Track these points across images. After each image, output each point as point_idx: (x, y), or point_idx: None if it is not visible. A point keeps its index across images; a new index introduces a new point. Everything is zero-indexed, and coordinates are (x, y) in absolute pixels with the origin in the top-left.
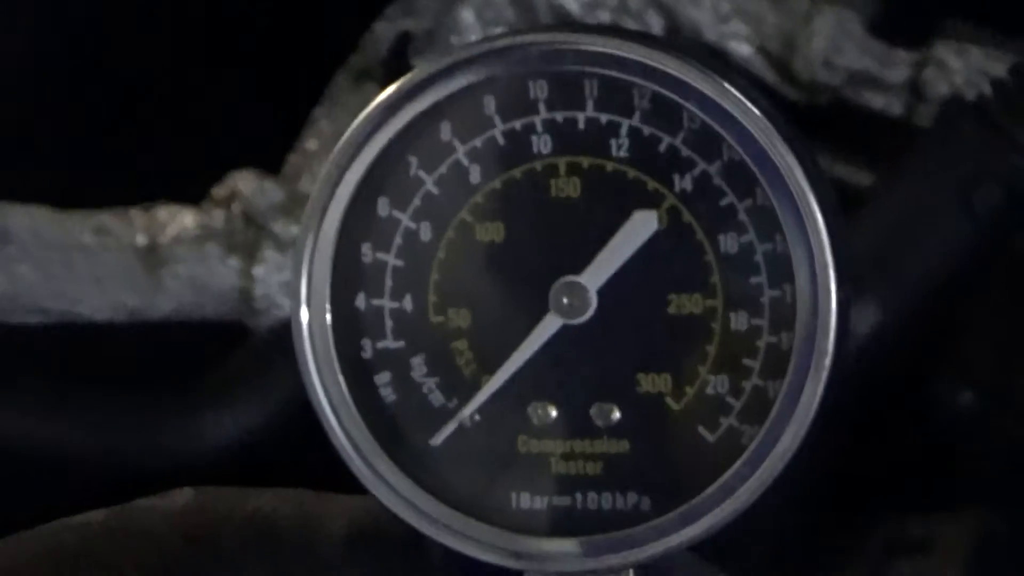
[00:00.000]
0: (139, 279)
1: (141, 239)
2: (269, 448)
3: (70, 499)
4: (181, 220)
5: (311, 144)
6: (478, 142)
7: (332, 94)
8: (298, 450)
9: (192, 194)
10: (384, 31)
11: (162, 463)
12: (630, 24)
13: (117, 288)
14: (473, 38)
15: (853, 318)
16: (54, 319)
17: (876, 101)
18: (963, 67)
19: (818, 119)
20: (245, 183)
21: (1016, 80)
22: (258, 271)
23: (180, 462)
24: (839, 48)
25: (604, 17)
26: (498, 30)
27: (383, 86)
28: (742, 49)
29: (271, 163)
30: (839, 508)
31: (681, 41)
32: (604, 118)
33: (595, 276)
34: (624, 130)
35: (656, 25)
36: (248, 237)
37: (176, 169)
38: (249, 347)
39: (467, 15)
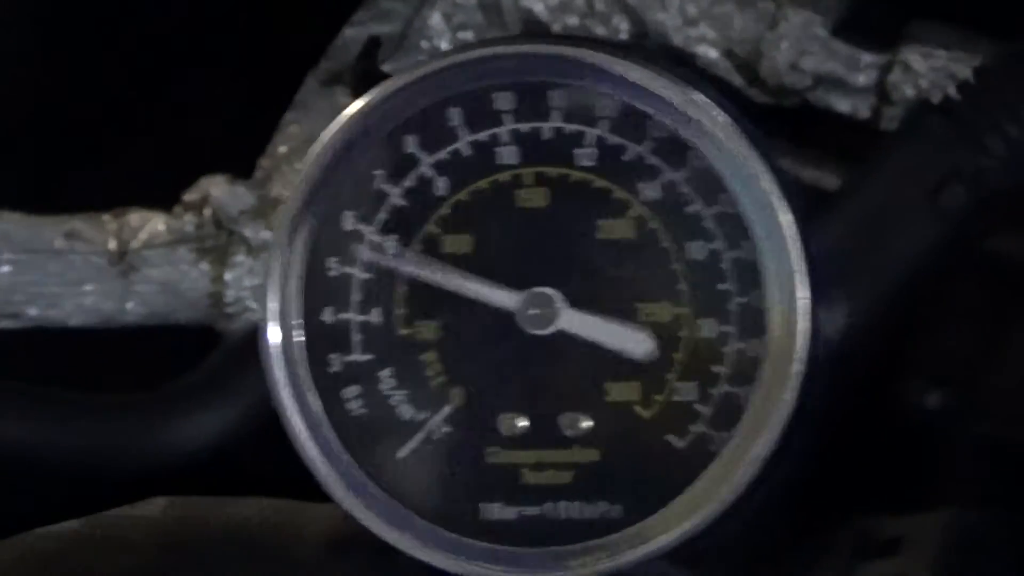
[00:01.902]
0: (111, 284)
1: (112, 244)
2: (242, 451)
3: (41, 503)
4: (152, 225)
5: (282, 148)
6: (444, 154)
7: (302, 99)
8: (271, 453)
9: (163, 199)
10: (353, 36)
11: (134, 467)
12: (597, 27)
13: (89, 293)
14: (443, 43)
15: (821, 320)
16: (26, 324)
17: (843, 104)
18: (929, 70)
19: (785, 122)
20: (216, 188)
21: (982, 82)
22: (229, 276)
23: (152, 466)
24: (805, 52)
25: (572, 21)
26: (467, 35)
27: (353, 90)
28: (709, 53)
29: (242, 168)
30: (808, 509)
31: (646, 49)
32: (569, 128)
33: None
34: (589, 139)
35: (623, 29)
36: (219, 241)
37: (147, 174)
38: (220, 351)
39: (436, 19)
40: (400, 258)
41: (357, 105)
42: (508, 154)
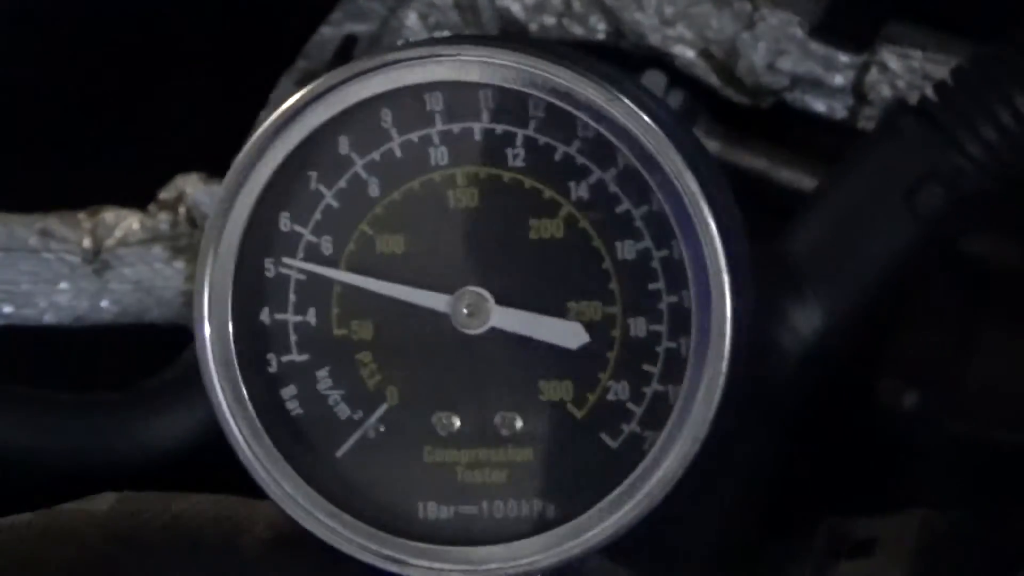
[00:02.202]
0: (85, 282)
1: (87, 242)
2: (212, 450)
3: (9, 500)
4: (127, 223)
5: None
6: (376, 155)
7: (277, 98)
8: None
9: (138, 197)
10: (329, 35)
11: (106, 466)
12: (575, 27)
13: (63, 291)
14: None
15: (798, 320)
16: (0, 322)
17: (820, 104)
18: (906, 70)
19: (762, 123)
20: (191, 186)
21: (958, 82)
22: None
23: (124, 464)
24: (782, 52)
25: (549, 20)
26: (444, 33)
27: None
28: (686, 53)
29: (217, 166)
30: (782, 509)
31: (570, 50)
32: (500, 128)
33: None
34: (520, 140)
35: (600, 29)
36: (194, 240)
37: (122, 172)
38: (193, 350)
39: (411, 19)
40: (332, 268)
41: (289, 102)
42: (439, 155)
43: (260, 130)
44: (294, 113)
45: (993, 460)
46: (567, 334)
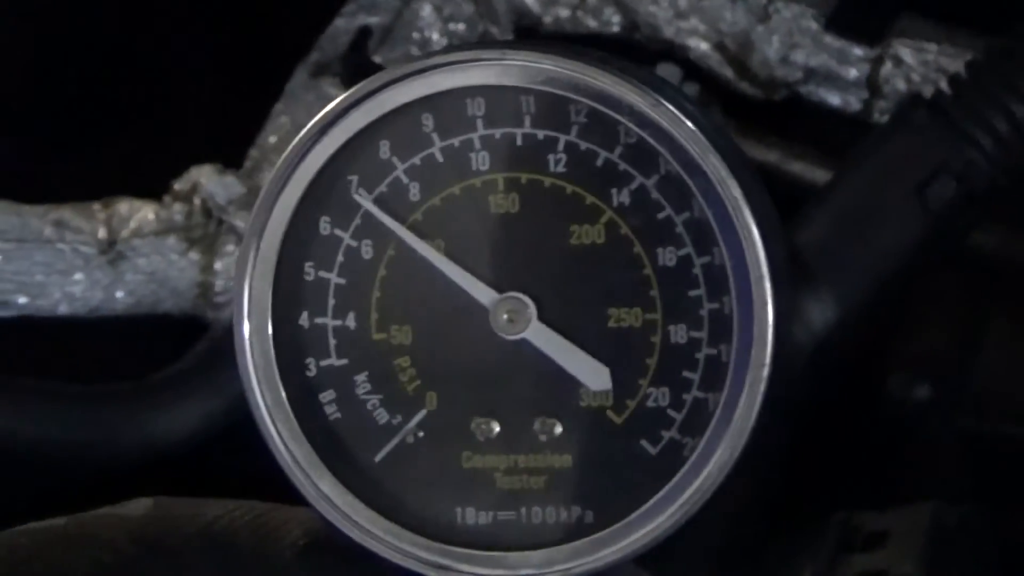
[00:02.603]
0: (99, 273)
1: (102, 233)
2: (227, 441)
3: (25, 492)
4: (142, 214)
5: (271, 139)
6: (417, 160)
7: (291, 90)
8: (255, 444)
9: (153, 188)
10: (343, 26)
11: (114, 457)
12: (589, 20)
13: (78, 282)
14: (433, 34)
15: (809, 313)
16: (14, 312)
17: (833, 98)
18: (920, 64)
19: (775, 116)
20: (206, 177)
21: (972, 76)
22: (218, 265)
23: (136, 455)
24: (796, 45)
25: (563, 13)
26: (458, 27)
27: (342, 82)
28: (700, 46)
29: (232, 158)
30: (793, 502)
31: (611, 56)
32: (541, 134)
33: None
34: (561, 145)
35: (614, 21)
36: (208, 231)
37: (137, 163)
38: (207, 341)
39: (426, 11)
40: (374, 263)
41: (330, 105)
42: (480, 160)
43: (302, 133)
44: (335, 117)
45: (1002, 453)
46: (592, 374)
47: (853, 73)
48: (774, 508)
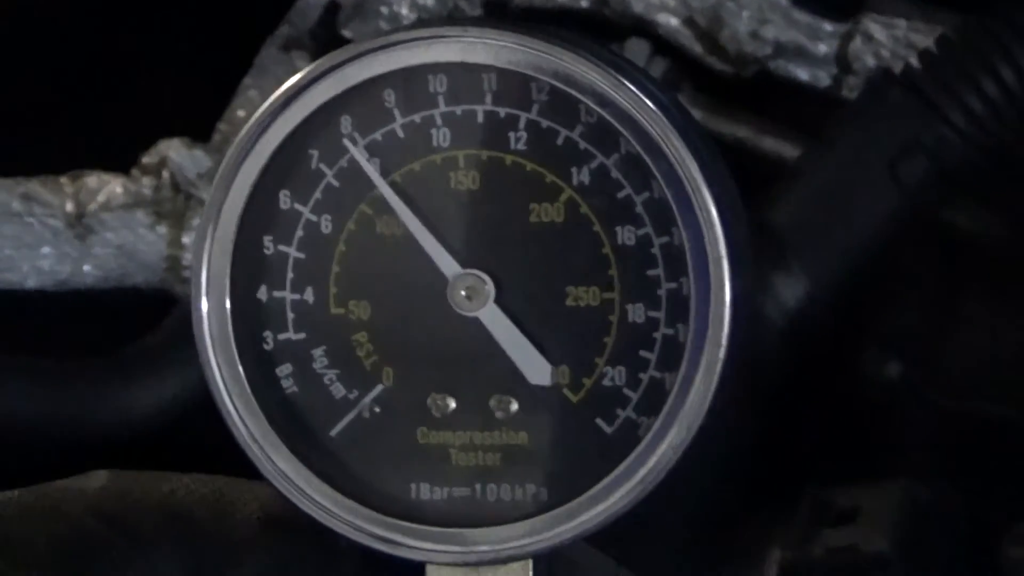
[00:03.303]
0: (68, 246)
1: (70, 207)
2: (195, 415)
3: None
4: (110, 188)
5: (240, 113)
6: (378, 135)
7: (261, 63)
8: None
9: (121, 162)
10: (313, 0)
11: (84, 431)
12: None
13: (46, 255)
14: (403, 9)
15: (781, 290)
16: None
17: (803, 73)
18: (890, 39)
19: (745, 91)
20: (175, 151)
21: (943, 52)
22: (187, 239)
23: (106, 430)
24: (766, 20)
25: None
26: (428, 1)
27: (312, 56)
28: (670, 21)
29: (201, 131)
30: (765, 478)
31: (575, 35)
32: (503, 112)
33: None
34: (522, 123)
35: None
36: (177, 205)
37: (105, 137)
38: (176, 315)
39: None
40: (334, 238)
41: (287, 84)
42: (441, 136)
43: (263, 107)
44: (297, 91)
45: (974, 431)
46: (534, 367)
47: (823, 48)
48: (746, 484)
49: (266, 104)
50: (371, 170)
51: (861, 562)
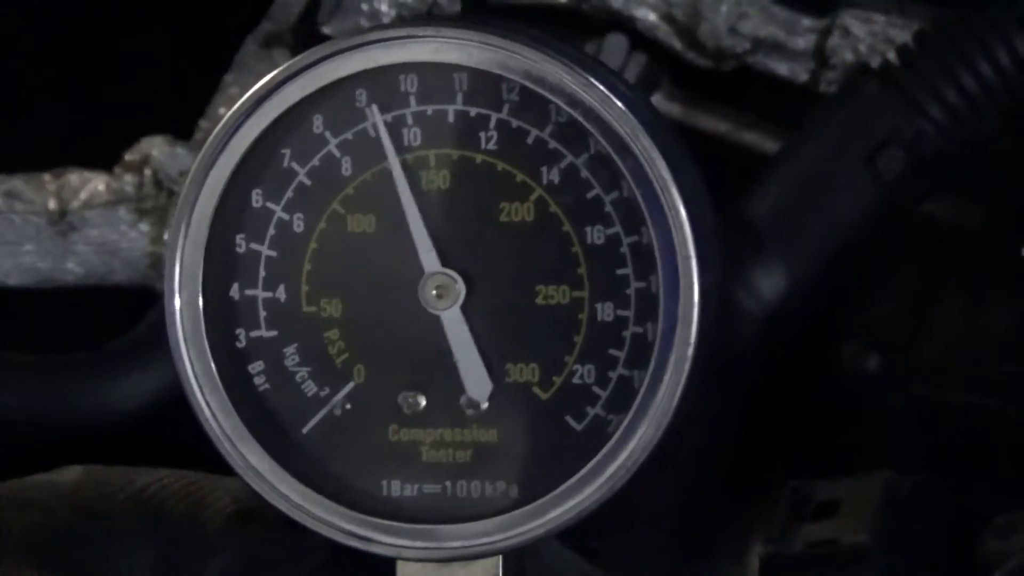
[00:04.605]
0: (50, 243)
1: (52, 204)
2: (176, 411)
3: None
4: (92, 185)
5: (222, 110)
6: (350, 135)
7: (242, 60)
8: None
9: (104, 159)
10: None
11: (65, 426)
12: None
13: (28, 252)
14: (383, 6)
15: (760, 283)
16: None
17: (781, 68)
18: (868, 34)
19: (724, 86)
20: (157, 148)
21: (921, 46)
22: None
23: (87, 425)
24: (744, 15)
25: None
26: None
27: (292, 52)
28: (648, 16)
29: (183, 128)
30: (745, 472)
31: (545, 35)
32: (473, 111)
33: None
34: (493, 123)
35: None
36: (159, 202)
37: (88, 134)
38: (157, 312)
39: None
40: (306, 236)
41: (259, 84)
42: (412, 136)
43: (235, 106)
44: (270, 90)
45: (954, 422)
46: (475, 381)
47: (801, 43)
48: (727, 478)
49: (239, 103)
50: (389, 146)
51: (842, 555)
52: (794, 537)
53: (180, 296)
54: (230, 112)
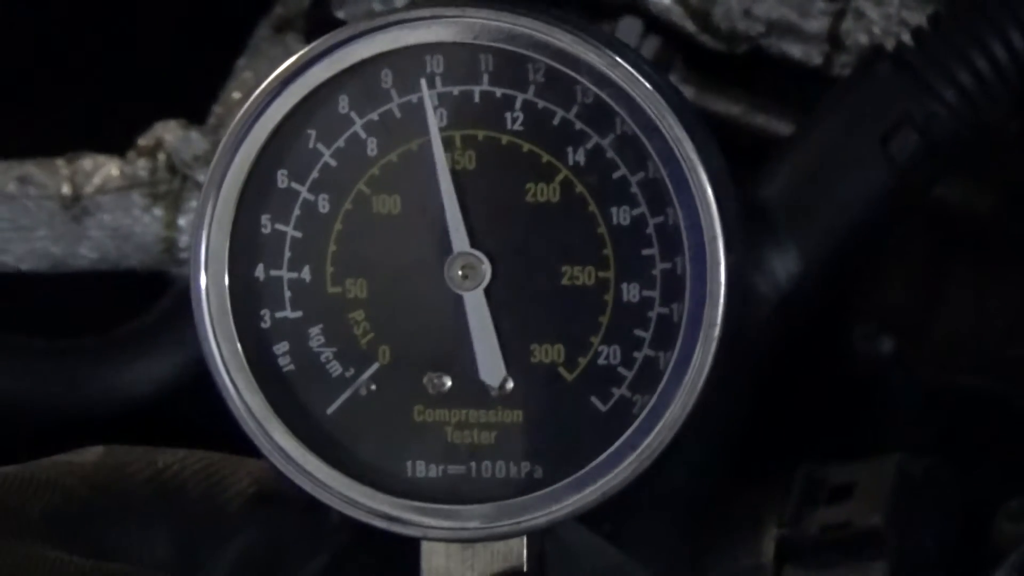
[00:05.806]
0: (63, 228)
1: (65, 188)
2: (189, 395)
3: None
4: (106, 170)
5: (235, 94)
6: (375, 115)
7: (255, 45)
8: (217, 398)
9: (117, 144)
10: None
11: (78, 411)
12: None
13: (41, 237)
14: None
15: (774, 265)
16: None
17: (795, 51)
18: (881, 17)
19: (737, 69)
20: (170, 133)
21: (935, 29)
22: (182, 221)
23: (99, 411)
24: None
25: None
26: None
27: (305, 37)
28: (662, 0)
29: (196, 113)
30: (758, 456)
31: (572, 15)
32: (499, 92)
33: None
34: (518, 104)
35: None
36: (173, 187)
37: (101, 119)
38: (171, 297)
39: None
40: (331, 217)
41: (286, 64)
42: (438, 116)
43: (261, 87)
44: (295, 72)
45: (966, 406)
46: (490, 366)
47: (814, 26)
48: (739, 462)
49: (264, 84)
50: (431, 117)
51: (856, 538)
52: (809, 521)
53: (206, 275)
54: (256, 92)
